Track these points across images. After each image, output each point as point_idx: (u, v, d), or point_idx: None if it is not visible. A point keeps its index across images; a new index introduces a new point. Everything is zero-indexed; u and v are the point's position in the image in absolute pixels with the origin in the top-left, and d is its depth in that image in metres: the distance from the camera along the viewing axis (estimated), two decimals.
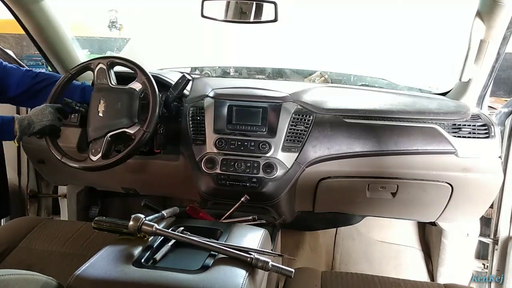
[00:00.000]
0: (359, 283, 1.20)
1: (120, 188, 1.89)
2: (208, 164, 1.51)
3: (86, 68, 1.46)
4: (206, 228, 1.14)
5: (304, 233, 2.17)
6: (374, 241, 2.17)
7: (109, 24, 3.81)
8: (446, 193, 1.51)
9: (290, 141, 1.48)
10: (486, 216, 1.74)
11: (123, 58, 1.44)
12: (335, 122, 1.49)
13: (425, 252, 2.12)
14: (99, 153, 1.35)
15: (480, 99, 1.56)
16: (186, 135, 1.55)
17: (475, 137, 1.45)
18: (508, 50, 1.41)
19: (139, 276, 0.85)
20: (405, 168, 1.49)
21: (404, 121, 1.48)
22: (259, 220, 1.33)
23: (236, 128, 1.53)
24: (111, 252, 0.93)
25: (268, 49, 2.59)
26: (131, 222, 0.97)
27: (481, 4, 1.29)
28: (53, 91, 1.44)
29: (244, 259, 0.91)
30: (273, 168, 1.47)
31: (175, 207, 1.21)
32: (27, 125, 1.33)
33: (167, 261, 0.93)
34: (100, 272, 0.86)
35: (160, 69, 1.92)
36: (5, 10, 1.57)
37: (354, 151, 1.47)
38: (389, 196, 1.57)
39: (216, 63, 2.25)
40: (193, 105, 1.58)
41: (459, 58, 1.43)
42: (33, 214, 2.15)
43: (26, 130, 1.33)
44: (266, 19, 1.35)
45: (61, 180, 2.03)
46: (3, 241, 1.36)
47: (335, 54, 2.47)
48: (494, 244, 1.73)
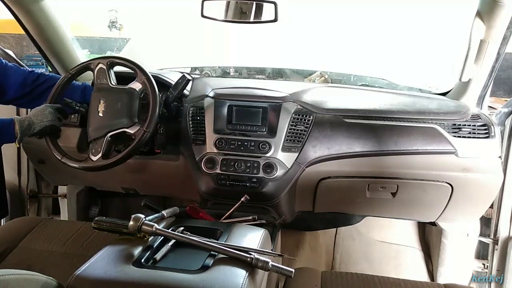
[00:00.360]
0: (359, 283, 1.20)
1: (120, 188, 1.89)
2: (208, 164, 1.51)
3: (86, 68, 1.46)
4: (206, 228, 1.14)
5: (304, 233, 2.17)
6: (374, 241, 2.17)
7: (109, 24, 3.81)
8: (446, 193, 1.51)
9: (290, 141, 1.48)
10: (486, 216, 1.74)
11: (122, 58, 1.44)
12: (335, 122, 1.49)
13: (425, 252, 2.12)
14: (100, 153, 1.35)
15: (480, 99, 1.56)
16: (186, 135, 1.55)
17: (475, 137, 1.45)
18: (508, 50, 1.41)
19: (139, 276, 0.85)
20: (405, 168, 1.49)
21: (404, 121, 1.48)
22: (259, 220, 1.33)
23: (236, 128, 1.53)
24: (111, 252, 0.93)
25: (268, 49, 2.59)
26: (131, 222, 0.97)
27: (481, 4, 1.29)
28: (53, 91, 1.44)
29: (244, 259, 0.91)
30: (273, 168, 1.47)
31: (175, 207, 1.21)
32: (28, 126, 1.33)
33: (167, 261, 0.93)
34: (100, 272, 0.86)
35: (160, 69, 1.92)
36: (5, 10, 1.57)
37: (354, 151, 1.47)
38: (389, 196, 1.57)
39: (216, 63, 2.25)
40: (193, 105, 1.58)
41: (459, 58, 1.43)
42: (33, 214, 2.15)
43: (26, 131, 1.33)
44: (266, 19, 1.35)
45: (61, 180, 2.03)
46: (3, 241, 1.36)
47: (335, 54, 2.47)
48: (494, 244, 1.73)
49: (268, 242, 1.13)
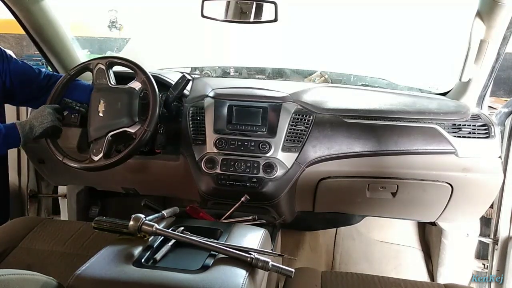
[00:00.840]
0: (359, 283, 1.20)
1: (120, 188, 1.89)
2: (208, 164, 1.51)
3: (85, 69, 1.46)
4: (206, 228, 1.14)
5: (304, 233, 2.17)
6: (374, 241, 2.17)
7: (109, 24, 3.81)
8: (446, 193, 1.51)
9: (290, 141, 1.48)
10: (486, 216, 1.74)
11: (121, 58, 1.44)
12: (335, 122, 1.49)
13: (425, 252, 2.12)
14: (101, 153, 1.36)
15: (480, 99, 1.56)
16: (186, 135, 1.55)
17: (475, 137, 1.45)
18: (508, 50, 1.41)
19: (139, 276, 0.85)
20: (405, 168, 1.49)
21: (404, 121, 1.48)
22: (259, 220, 1.33)
23: (236, 128, 1.53)
24: (111, 252, 0.93)
25: (268, 49, 2.59)
26: (131, 222, 0.97)
27: (481, 4, 1.29)
28: (53, 92, 1.44)
29: (244, 259, 0.91)
30: (273, 168, 1.47)
31: (175, 207, 1.21)
32: (29, 129, 1.33)
33: (167, 261, 0.93)
34: (100, 272, 0.86)
35: (160, 69, 1.92)
36: (5, 10, 1.57)
37: (354, 151, 1.47)
38: (389, 196, 1.57)
39: (216, 63, 2.25)
40: (193, 105, 1.58)
41: (459, 58, 1.43)
42: (33, 214, 2.15)
43: (29, 134, 1.33)
44: (266, 19, 1.35)
45: (61, 180, 2.03)
46: (3, 241, 1.36)
47: (335, 54, 2.47)
48: (494, 244, 1.73)
49: (268, 242, 1.13)
